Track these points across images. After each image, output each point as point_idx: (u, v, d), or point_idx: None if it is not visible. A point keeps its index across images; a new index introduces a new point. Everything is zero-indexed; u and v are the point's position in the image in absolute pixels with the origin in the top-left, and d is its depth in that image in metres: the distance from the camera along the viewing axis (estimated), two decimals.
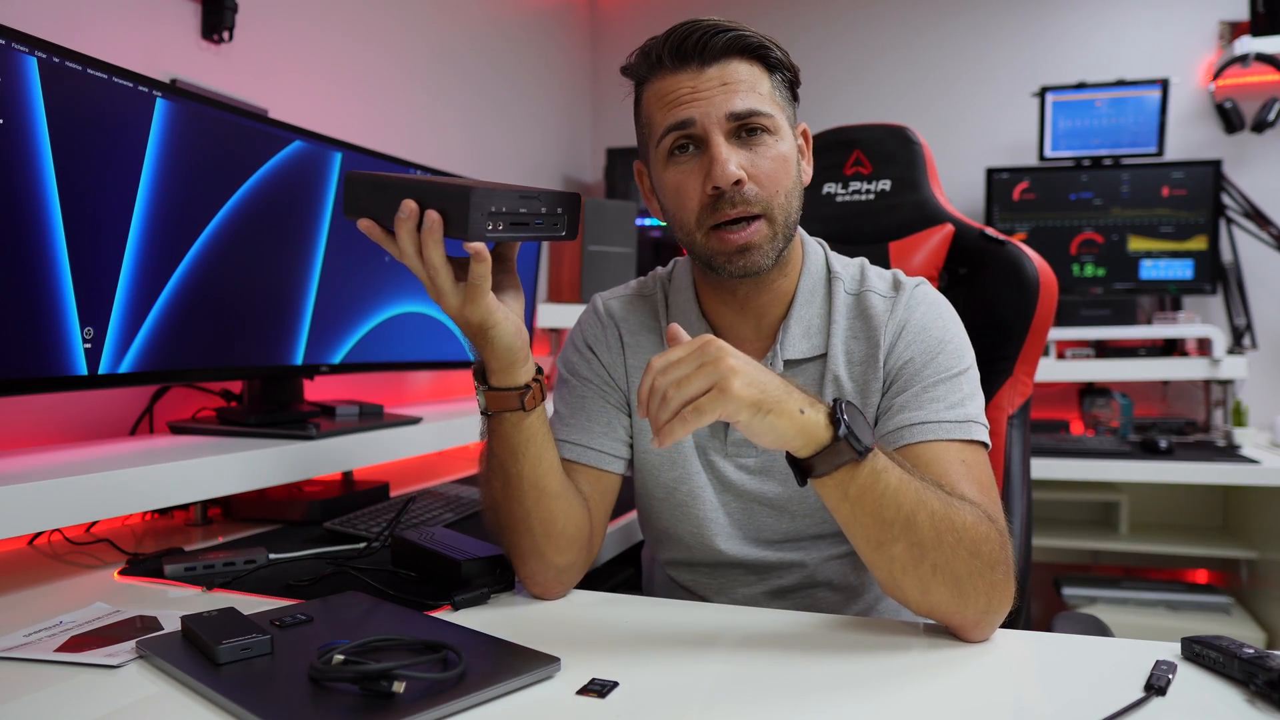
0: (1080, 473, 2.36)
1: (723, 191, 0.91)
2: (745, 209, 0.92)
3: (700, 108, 0.91)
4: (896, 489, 0.79)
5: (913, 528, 0.79)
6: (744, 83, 0.92)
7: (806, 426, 0.76)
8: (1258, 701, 0.69)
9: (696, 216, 0.94)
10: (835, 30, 3.19)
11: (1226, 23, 2.80)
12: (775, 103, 0.94)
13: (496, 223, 0.82)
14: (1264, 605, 2.46)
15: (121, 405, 1.44)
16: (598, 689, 0.72)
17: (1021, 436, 1.33)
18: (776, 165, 0.93)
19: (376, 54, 2.15)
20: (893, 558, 0.80)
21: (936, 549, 0.79)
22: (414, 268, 0.83)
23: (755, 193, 0.92)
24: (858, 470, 0.78)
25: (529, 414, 0.90)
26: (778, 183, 0.93)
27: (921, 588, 0.81)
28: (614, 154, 3.06)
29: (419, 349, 1.75)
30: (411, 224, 0.81)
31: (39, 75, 1.02)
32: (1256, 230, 2.69)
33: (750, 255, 0.93)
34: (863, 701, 0.71)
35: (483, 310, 0.84)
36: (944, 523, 0.79)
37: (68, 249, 1.07)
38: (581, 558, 0.98)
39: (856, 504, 0.79)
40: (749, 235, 0.93)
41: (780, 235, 0.95)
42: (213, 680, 0.71)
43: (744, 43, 0.92)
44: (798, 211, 0.97)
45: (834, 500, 0.80)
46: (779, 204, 0.93)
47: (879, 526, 0.79)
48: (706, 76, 0.92)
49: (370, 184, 0.86)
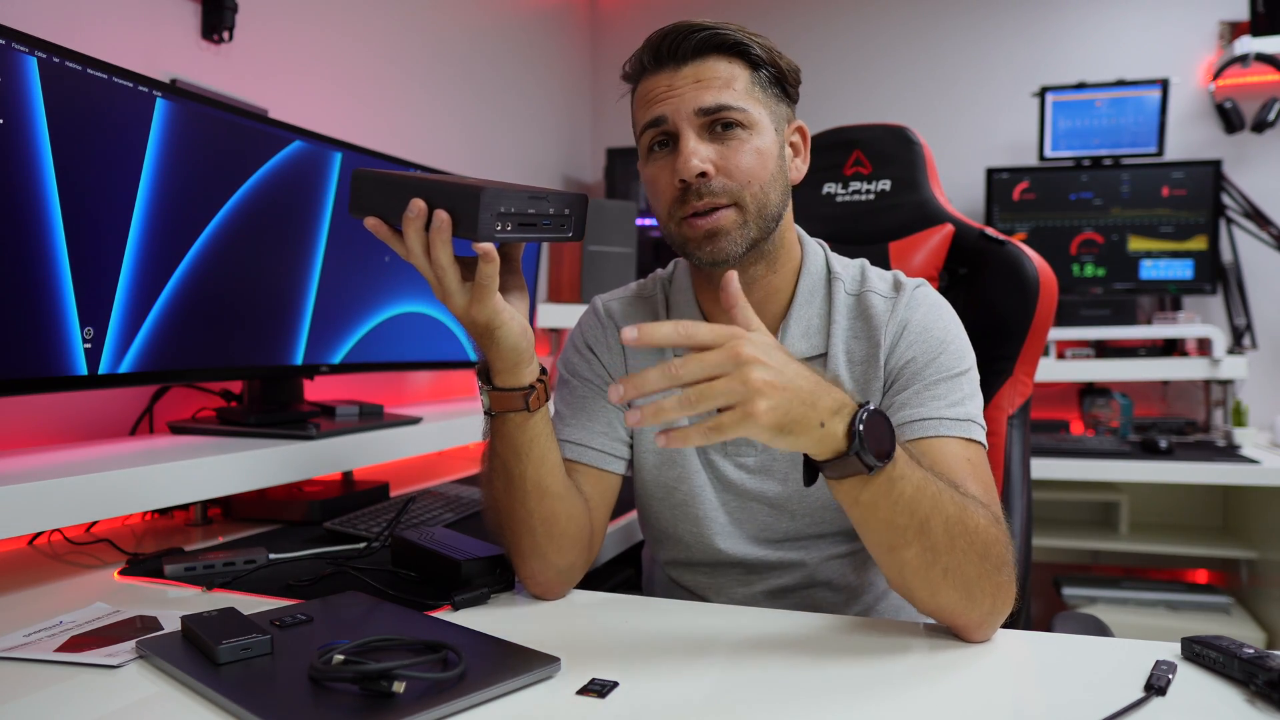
0: (1080, 473, 2.35)
1: (689, 184, 0.92)
2: (712, 200, 0.93)
3: (671, 105, 0.93)
4: (912, 496, 0.77)
5: (926, 533, 0.78)
6: (719, 79, 0.93)
7: (824, 439, 0.74)
8: (1258, 701, 0.69)
9: (668, 209, 0.96)
10: (835, 30, 3.19)
11: (1226, 23, 2.80)
12: (753, 98, 0.94)
13: (505, 223, 0.82)
14: (1264, 605, 2.46)
15: (121, 405, 1.44)
16: (598, 689, 0.72)
17: (1021, 436, 1.33)
18: (749, 158, 0.93)
19: (376, 54, 2.15)
20: (904, 562, 0.80)
21: (949, 553, 0.79)
22: (421, 267, 0.83)
23: (724, 185, 0.93)
24: (870, 480, 0.76)
25: (533, 414, 0.90)
26: (750, 175, 0.93)
27: (931, 590, 0.81)
28: (614, 154, 3.06)
29: (419, 349, 1.75)
30: (420, 223, 0.81)
31: (39, 75, 1.02)
32: (1256, 230, 2.69)
33: (717, 241, 0.94)
34: (863, 701, 0.71)
35: (489, 310, 0.84)
36: (958, 527, 0.79)
37: (68, 249, 1.07)
38: (582, 558, 0.98)
39: (869, 509, 0.78)
40: (714, 221, 0.93)
41: (752, 224, 0.95)
42: (213, 680, 0.71)
43: (719, 40, 0.93)
44: (778, 205, 0.97)
45: (846, 502, 0.79)
46: (751, 194, 0.94)
47: (891, 531, 0.79)
48: (682, 75, 0.93)
49: (377, 182, 0.85)
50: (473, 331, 0.87)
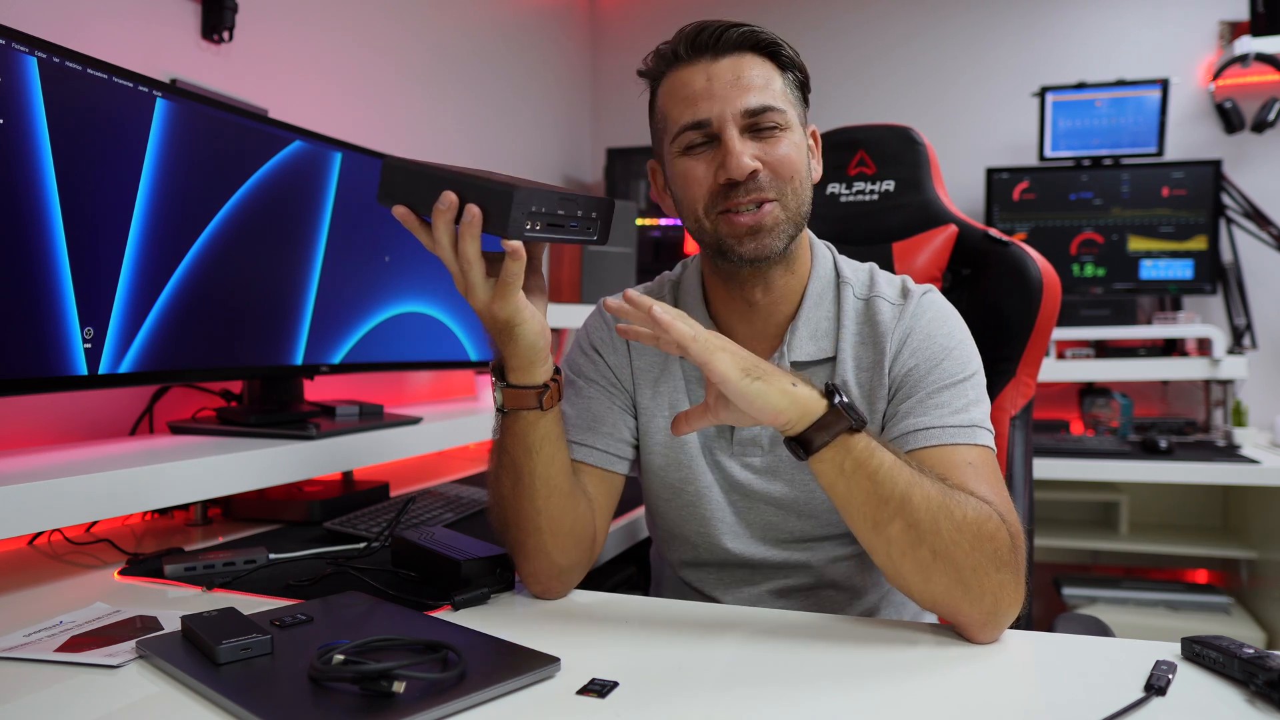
0: (1080, 473, 2.36)
1: (737, 182, 0.93)
2: (760, 195, 0.94)
3: (716, 106, 0.93)
4: (891, 467, 0.81)
5: (909, 506, 0.80)
6: (759, 79, 0.94)
7: (798, 398, 0.79)
8: (1258, 701, 0.69)
9: (705, 203, 0.96)
10: (835, 30, 3.19)
11: (1226, 23, 2.80)
12: (787, 99, 0.96)
13: (535, 223, 0.82)
14: (1264, 605, 2.46)
15: (121, 405, 1.44)
16: (598, 689, 0.72)
17: (1024, 437, 1.33)
18: (790, 155, 0.95)
19: (376, 54, 2.15)
20: (890, 539, 0.81)
21: (934, 534, 0.80)
22: (446, 260, 0.84)
23: (770, 179, 0.94)
24: (853, 443, 0.80)
25: (545, 413, 0.90)
26: (793, 170, 0.95)
27: (923, 574, 0.81)
28: (614, 154, 3.06)
29: (419, 349, 1.75)
30: (450, 216, 0.81)
31: (39, 75, 1.02)
32: (1256, 230, 2.69)
33: (761, 238, 0.95)
34: (863, 700, 0.71)
35: (511, 308, 0.85)
36: (940, 509, 0.80)
37: (68, 249, 1.07)
38: (584, 558, 0.98)
39: (852, 479, 0.80)
40: (760, 216, 0.94)
41: (792, 222, 0.96)
42: (213, 680, 0.71)
43: (756, 39, 0.95)
44: (808, 205, 0.99)
45: (830, 476, 0.81)
46: (793, 189, 0.96)
47: (876, 504, 0.80)
48: (720, 68, 0.94)
49: (408, 171, 0.85)
50: (492, 328, 0.87)
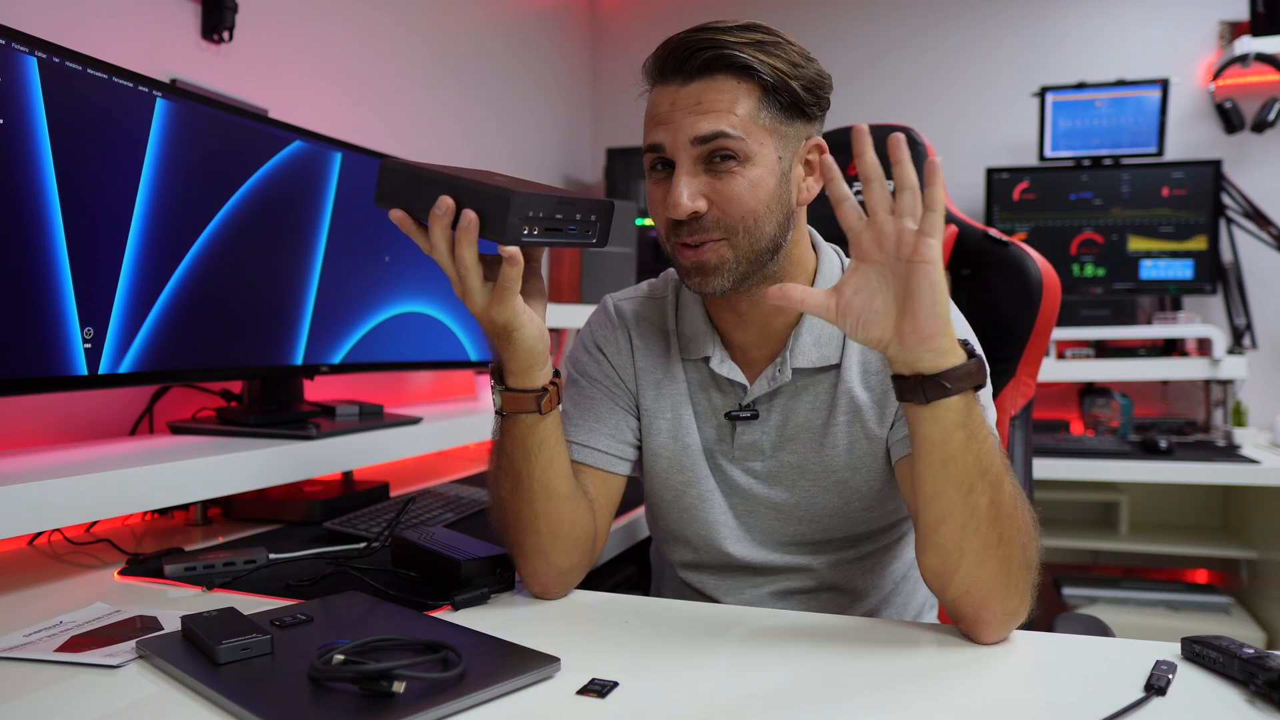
0: (1080, 473, 2.36)
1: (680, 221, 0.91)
2: (703, 235, 0.91)
3: (669, 132, 0.90)
4: (995, 444, 0.80)
5: (1001, 484, 0.79)
6: (721, 103, 0.89)
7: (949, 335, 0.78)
8: (1258, 701, 0.69)
9: (664, 230, 0.95)
10: (835, 30, 3.18)
11: (1226, 23, 2.80)
12: (755, 124, 0.90)
13: (532, 228, 0.81)
14: (1264, 605, 2.46)
15: (121, 405, 1.44)
16: (598, 689, 0.72)
17: (1024, 437, 1.33)
18: (742, 191, 0.90)
19: (376, 54, 2.15)
20: (974, 509, 0.78)
21: (1011, 520, 0.80)
22: (443, 264, 0.83)
23: (717, 219, 0.90)
24: (974, 405, 0.78)
25: (544, 417, 0.90)
26: (743, 207, 0.90)
27: (981, 555, 0.79)
28: (614, 154, 3.06)
29: (419, 349, 1.75)
30: (447, 221, 0.81)
31: (39, 75, 1.02)
32: (1256, 230, 2.69)
33: (707, 276, 0.93)
34: (863, 701, 0.71)
35: (509, 312, 0.84)
36: (1020, 498, 0.81)
37: (68, 249, 1.07)
38: (585, 559, 0.98)
39: (969, 437, 0.78)
40: (702, 255, 0.92)
41: (743, 259, 0.92)
42: (213, 680, 0.71)
43: (727, 61, 0.88)
44: (774, 236, 0.93)
45: (948, 428, 0.77)
46: (745, 228, 0.91)
47: (978, 470, 0.78)
48: (685, 93, 0.90)
49: (406, 174, 0.85)
50: (490, 331, 0.87)
